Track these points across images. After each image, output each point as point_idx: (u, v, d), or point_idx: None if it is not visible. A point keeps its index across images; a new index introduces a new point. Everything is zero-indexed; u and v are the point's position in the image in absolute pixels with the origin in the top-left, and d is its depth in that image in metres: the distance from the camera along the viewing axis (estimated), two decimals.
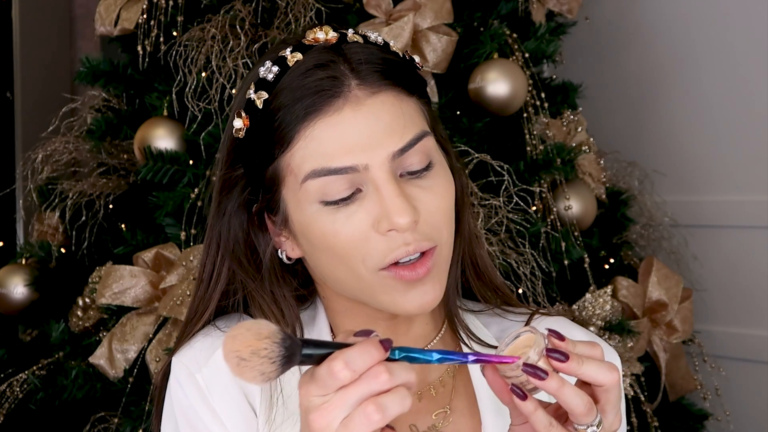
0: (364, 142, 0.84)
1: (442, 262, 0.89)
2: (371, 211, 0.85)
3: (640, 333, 1.59)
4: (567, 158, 1.61)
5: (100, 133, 1.70)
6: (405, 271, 0.86)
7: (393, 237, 0.85)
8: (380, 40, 0.90)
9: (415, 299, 0.88)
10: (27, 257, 1.73)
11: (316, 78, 0.85)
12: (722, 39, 2.01)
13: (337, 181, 0.85)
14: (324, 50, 0.87)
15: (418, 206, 0.86)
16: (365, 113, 0.85)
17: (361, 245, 0.86)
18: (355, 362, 0.71)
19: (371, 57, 0.87)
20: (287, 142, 0.86)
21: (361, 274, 0.87)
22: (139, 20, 1.57)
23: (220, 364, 0.89)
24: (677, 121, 2.09)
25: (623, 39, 2.18)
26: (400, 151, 0.85)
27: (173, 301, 1.43)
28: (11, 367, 1.62)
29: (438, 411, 0.96)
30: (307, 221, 0.88)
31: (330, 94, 0.85)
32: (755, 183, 1.94)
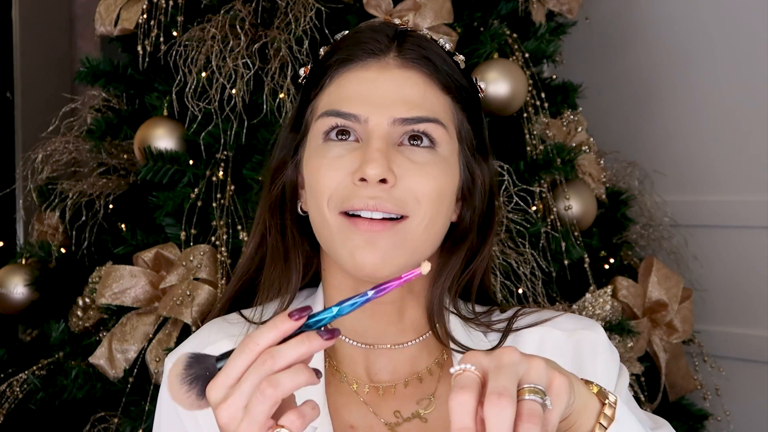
0: (375, 99, 0.92)
1: (411, 237, 0.92)
2: (355, 160, 0.91)
3: (640, 333, 1.59)
4: (567, 158, 1.61)
5: (100, 133, 1.70)
6: (362, 222, 0.91)
7: (361, 187, 0.90)
8: (447, 46, 0.99)
9: (368, 258, 0.91)
10: (27, 257, 1.73)
11: (364, 35, 0.96)
12: (722, 39, 2.01)
13: (342, 122, 0.93)
14: (388, 25, 0.98)
15: (401, 174, 0.90)
16: (388, 77, 0.93)
17: (333, 185, 0.92)
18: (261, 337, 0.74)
19: (422, 44, 0.96)
20: (321, 85, 0.96)
21: (325, 215, 0.92)
22: (139, 20, 1.57)
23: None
24: (677, 121, 2.09)
25: (623, 39, 2.18)
26: (403, 120, 0.92)
27: (173, 301, 1.43)
28: (11, 367, 1.62)
29: (422, 398, 0.98)
30: (308, 156, 0.96)
31: (366, 50, 0.94)
32: (755, 183, 1.94)
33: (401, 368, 0.99)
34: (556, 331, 1.00)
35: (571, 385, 0.73)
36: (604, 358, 1.00)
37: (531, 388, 0.70)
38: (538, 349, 0.99)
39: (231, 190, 1.49)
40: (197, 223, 1.49)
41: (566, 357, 0.98)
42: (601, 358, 0.99)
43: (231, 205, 1.48)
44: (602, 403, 0.79)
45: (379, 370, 0.99)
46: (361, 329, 0.99)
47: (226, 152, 1.51)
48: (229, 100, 1.48)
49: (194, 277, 1.45)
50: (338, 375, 0.99)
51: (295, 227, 1.00)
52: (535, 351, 0.99)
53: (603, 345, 1.00)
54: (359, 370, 0.99)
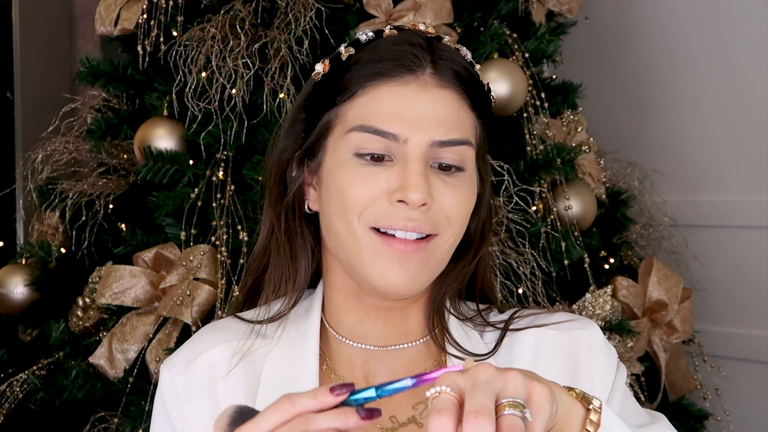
0: (414, 118, 0.91)
1: (436, 254, 0.93)
2: (391, 180, 0.91)
3: (640, 333, 1.59)
4: (567, 158, 1.61)
5: (100, 133, 1.70)
6: (397, 243, 0.91)
7: (399, 208, 0.91)
8: (469, 56, 0.98)
9: (394, 273, 0.92)
10: (27, 257, 1.73)
11: (401, 49, 0.93)
12: (722, 39, 2.01)
13: (376, 141, 0.91)
14: (419, 35, 0.96)
15: (435, 195, 0.92)
16: (427, 96, 0.92)
17: (367, 203, 0.92)
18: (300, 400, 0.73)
19: (454, 59, 0.95)
20: (351, 93, 0.94)
21: (353, 228, 0.92)
22: (139, 20, 1.57)
23: (197, 371, 0.98)
24: (677, 121, 2.09)
25: (623, 39, 2.18)
26: (441, 143, 0.92)
27: (173, 301, 1.43)
28: (11, 367, 1.62)
29: (418, 403, 0.97)
30: (336, 166, 0.94)
31: (405, 66, 0.93)
32: (755, 183, 1.94)
33: (400, 371, 0.99)
34: (551, 331, 1.00)
35: (552, 394, 0.72)
36: (600, 356, 1.00)
37: (509, 403, 0.69)
38: (534, 350, 0.99)
39: (231, 190, 1.49)
40: (197, 223, 1.49)
41: (561, 357, 0.99)
42: (597, 356, 0.99)
43: (231, 205, 1.48)
44: (587, 408, 0.78)
45: (377, 373, 0.99)
46: (362, 332, 0.99)
47: (226, 152, 1.51)
48: (229, 100, 1.48)
49: (194, 277, 1.45)
50: (335, 378, 0.99)
51: (303, 227, 1.00)
52: (531, 352, 0.99)
53: (598, 343, 1.00)
54: (357, 373, 0.99)
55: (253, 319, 1.01)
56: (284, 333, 0.99)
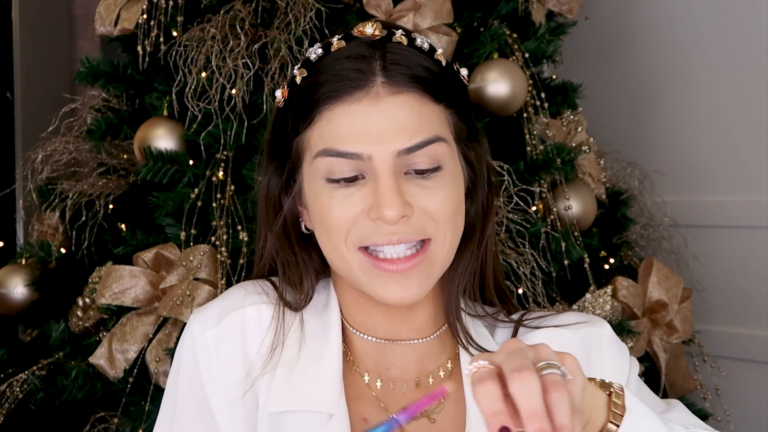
0: (373, 134, 0.89)
1: (435, 259, 0.93)
2: (366, 198, 0.91)
3: (640, 333, 1.59)
4: (567, 158, 1.61)
5: (100, 133, 1.70)
6: (386, 264, 0.91)
7: (379, 225, 0.91)
8: (426, 45, 0.95)
9: (395, 291, 0.92)
10: (27, 257, 1.73)
11: (346, 67, 0.91)
12: (722, 39, 2.01)
13: (343, 164, 0.90)
14: (364, 44, 0.93)
15: (415, 203, 0.90)
16: (381, 108, 0.90)
17: (349, 225, 0.92)
18: None
19: (405, 60, 0.92)
20: (310, 120, 0.92)
21: (342, 251, 0.93)
22: (139, 20, 1.57)
23: (228, 328, 0.99)
24: (677, 121, 2.09)
25: (623, 39, 2.18)
26: (407, 150, 0.90)
27: (173, 301, 1.43)
28: (11, 367, 1.61)
29: None
30: (313, 194, 0.94)
31: (353, 84, 0.90)
32: (755, 183, 1.94)
33: (411, 365, 1.00)
34: (561, 330, 1.00)
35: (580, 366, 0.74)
36: (612, 352, 1.00)
37: (546, 364, 0.71)
38: None
39: (231, 190, 1.49)
40: (197, 223, 1.49)
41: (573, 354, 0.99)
42: (608, 352, 1.00)
43: (231, 205, 1.48)
44: (608, 393, 0.80)
45: (390, 365, 1.00)
46: (373, 325, 1.01)
47: (226, 152, 1.51)
48: (229, 100, 1.48)
49: (194, 277, 1.45)
50: (352, 366, 1.01)
51: (303, 248, 1.01)
52: None
53: (609, 339, 1.01)
54: (370, 364, 1.01)
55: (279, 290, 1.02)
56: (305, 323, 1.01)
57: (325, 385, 0.97)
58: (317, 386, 0.97)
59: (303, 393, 0.96)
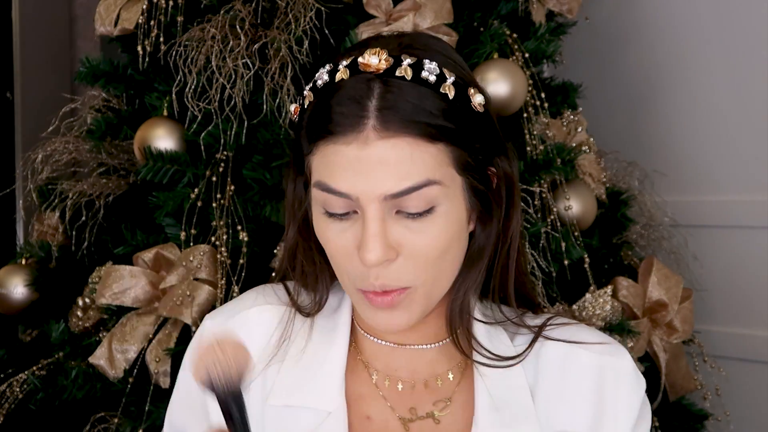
0: (360, 177, 0.88)
1: (419, 298, 0.94)
2: (356, 235, 0.91)
3: (640, 333, 1.58)
4: (567, 158, 1.61)
5: (100, 133, 1.70)
6: (372, 295, 0.93)
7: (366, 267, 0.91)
8: (432, 77, 0.90)
9: (382, 321, 0.95)
10: (27, 257, 1.73)
11: (342, 110, 0.89)
12: (722, 39, 2.01)
13: (335, 200, 0.91)
14: (363, 81, 0.90)
15: (402, 246, 0.90)
16: (369, 153, 0.88)
17: (345, 261, 0.93)
18: None
19: (402, 101, 0.88)
20: (311, 149, 0.92)
21: (346, 284, 0.96)
22: (139, 20, 1.57)
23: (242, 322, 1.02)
24: (677, 121, 2.09)
25: (623, 39, 2.18)
26: (393, 195, 0.88)
27: (173, 301, 1.43)
28: (11, 367, 1.61)
29: (439, 400, 0.99)
30: (314, 219, 0.96)
31: (345, 125, 0.88)
32: (755, 183, 1.94)
33: (420, 369, 1.01)
34: (582, 352, 1.00)
35: None
36: (628, 387, 0.99)
37: None
38: (562, 366, 1.00)
39: (231, 190, 1.49)
40: (197, 223, 1.49)
41: (588, 380, 0.99)
42: (624, 386, 0.99)
43: (231, 205, 1.48)
44: None
45: (398, 368, 1.01)
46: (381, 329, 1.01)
47: (226, 152, 1.51)
48: (229, 100, 1.48)
49: (194, 278, 1.45)
50: (361, 366, 1.02)
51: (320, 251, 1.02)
52: (559, 366, 1.00)
53: (627, 374, 1.00)
54: (380, 366, 1.02)
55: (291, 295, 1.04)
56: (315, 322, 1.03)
57: (326, 383, 0.99)
58: (318, 383, 0.99)
59: (304, 389, 0.98)
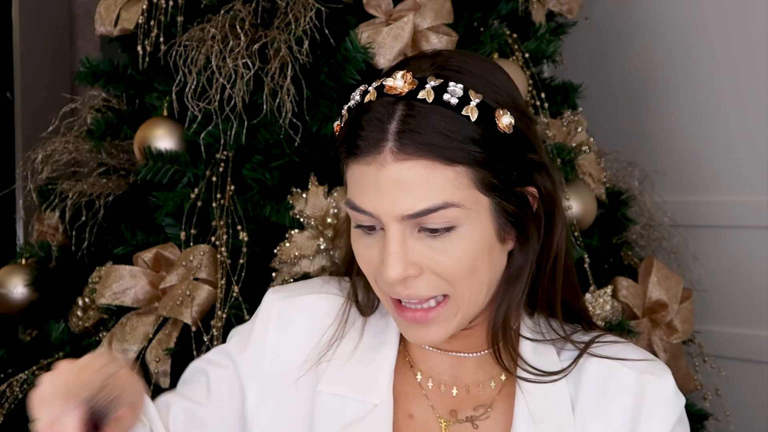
0: (378, 198, 0.91)
1: (455, 311, 0.95)
2: (381, 252, 0.93)
3: (640, 333, 1.59)
4: (567, 158, 1.61)
5: (100, 133, 1.70)
6: (406, 312, 0.95)
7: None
8: (454, 100, 0.90)
9: (416, 337, 0.97)
10: (27, 257, 1.73)
11: (365, 131, 0.91)
12: (722, 39, 2.01)
13: (362, 216, 0.93)
14: (387, 104, 0.91)
15: (423, 263, 0.92)
16: (388, 174, 0.90)
17: (376, 273, 0.96)
18: None
19: (421, 124, 0.89)
20: (343, 166, 0.97)
21: (377, 291, 0.98)
22: (139, 20, 1.57)
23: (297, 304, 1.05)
24: (677, 121, 2.09)
25: (623, 39, 2.18)
26: (410, 216, 0.90)
27: (173, 301, 1.43)
28: (11, 367, 1.62)
29: (480, 405, 1.01)
30: (351, 232, 0.99)
31: (367, 148, 0.91)
32: (755, 183, 1.94)
33: (462, 375, 1.03)
34: (624, 369, 1.01)
35: None
36: (666, 406, 1.01)
37: None
38: (603, 382, 1.00)
39: (231, 190, 1.49)
40: (197, 223, 1.49)
41: (629, 397, 1.00)
42: (663, 405, 1.01)
43: (231, 205, 1.48)
44: None
45: (441, 372, 1.03)
46: None
47: (226, 152, 1.51)
48: (229, 100, 1.48)
49: (194, 278, 1.45)
50: (407, 366, 1.04)
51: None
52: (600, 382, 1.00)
53: (668, 393, 1.02)
54: (424, 367, 1.04)
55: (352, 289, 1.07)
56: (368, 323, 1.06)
57: (375, 378, 1.01)
58: (368, 377, 1.01)
59: (353, 380, 1.01)
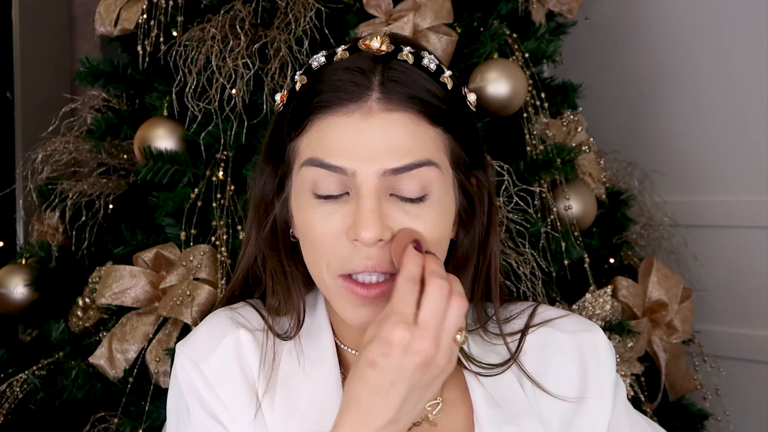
0: (360, 150, 0.87)
1: None
2: (347, 216, 0.89)
3: (640, 333, 1.58)
4: (567, 158, 1.61)
5: (100, 133, 1.70)
6: (359, 287, 0.90)
7: (358, 247, 0.88)
8: (433, 66, 0.91)
9: (362, 315, 0.91)
10: (27, 257, 1.73)
11: (342, 78, 0.88)
12: (722, 39, 2.01)
13: (329, 177, 0.88)
14: (367, 58, 0.90)
15: (394, 226, 0.88)
16: (372, 124, 0.87)
17: (330, 246, 0.89)
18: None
19: (406, 78, 0.89)
20: (302, 128, 0.90)
21: (324, 276, 0.91)
22: (139, 20, 1.57)
23: (226, 353, 0.96)
24: (677, 121, 2.09)
25: (623, 39, 2.18)
26: (393, 171, 0.87)
27: (173, 301, 1.43)
28: (11, 367, 1.61)
29: (431, 402, 0.98)
30: (298, 205, 0.92)
31: (347, 96, 0.88)
32: (755, 183, 1.94)
33: None
34: (558, 333, 1.01)
35: None
36: (607, 361, 1.01)
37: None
38: (540, 350, 1.00)
39: (231, 190, 1.49)
40: (197, 223, 1.49)
41: (570, 359, 1.00)
42: (603, 360, 1.00)
43: (231, 205, 1.48)
44: None
45: None
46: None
47: (226, 152, 1.51)
48: (229, 100, 1.48)
49: (194, 277, 1.45)
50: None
51: (291, 258, 0.99)
52: (537, 352, 1.00)
53: (604, 347, 1.01)
54: None
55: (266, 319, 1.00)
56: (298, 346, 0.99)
57: (325, 405, 0.95)
58: (317, 404, 0.95)
59: (305, 413, 0.95)
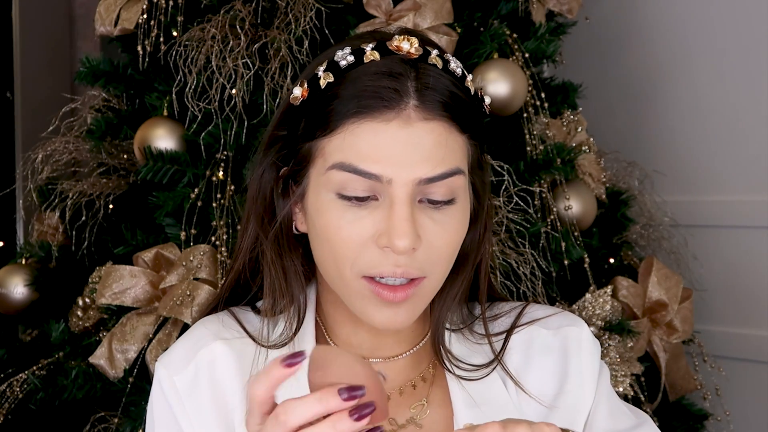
0: (397, 158, 0.86)
1: (425, 294, 0.92)
2: (378, 223, 0.88)
3: (640, 333, 1.59)
4: (567, 158, 1.61)
5: (100, 133, 1.70)
6: (385, 290, 0.89)
7: (387, 254, 0.88)
8: (459, 71, 0.91)
9: (385, 317, 0.90)
10: (27, 257, 1.73)
11: (381, 84, 0.87)
12: (722, 39, 2.01)
13: (358, 182, 0.87)
14: (401, 61, 0.89)
15: (424, 236, 0.88)
16: (410, 133, 0.86)
17: (356, 250, 0.88)
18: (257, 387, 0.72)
19: (440, 85, 0.88)
20: (331, 129, 0.88)
21: (345, 275, 0.90)
22: (139, 20, 1.57)
23: (198, 367, 0.95)
24: (677, 121, 2.09)
25: (623, 39, 2.18)
26: (428, 180, 0.87)
27: (173, 301, 1.43)
28: (11, 367, 1.61)
29: (416, 404, 0.98)
30: (319, 207, 0.90)
31: (386, 104, 0.87)
32: (755, 183, 1.94)
33: (395, 378, 0.99)
34: (542, 330, 1.01)
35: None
36: (589, 353, 1.01)
37: None
38: (525, 348, 1.00)
39: (231, 190, 1.49)
40: (197, 223, 1.49)
41: (554, 355, 1.00)
42: (586, 353, 1.00)
43: (231, 205, 1.48)
44: None
45: None
46: (357, 341, 0.99)
47: (226, 152, 1.51)
48: (229, 100, 1.48)
49: (194, 277, 1.45)
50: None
51: (292, 249, 0.98)
52: (522, 350, 1.00)
53: (587, 340, 1.01)
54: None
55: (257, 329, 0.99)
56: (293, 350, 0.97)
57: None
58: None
59: None
